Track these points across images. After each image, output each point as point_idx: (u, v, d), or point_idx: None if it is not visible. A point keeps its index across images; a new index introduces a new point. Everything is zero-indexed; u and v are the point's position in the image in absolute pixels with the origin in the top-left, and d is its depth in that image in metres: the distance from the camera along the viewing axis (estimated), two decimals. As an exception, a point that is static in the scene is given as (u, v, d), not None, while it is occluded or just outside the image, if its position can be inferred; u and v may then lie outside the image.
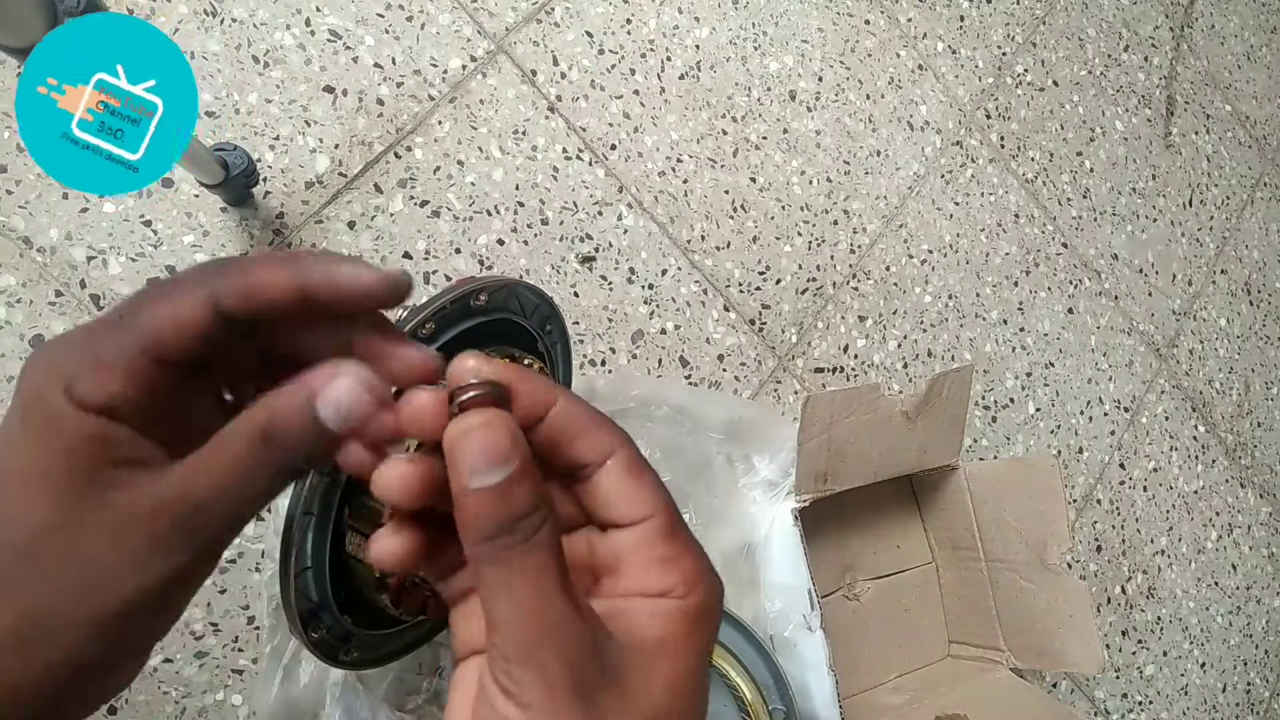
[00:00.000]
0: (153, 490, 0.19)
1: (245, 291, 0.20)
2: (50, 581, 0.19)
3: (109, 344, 0.19)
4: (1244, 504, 1.04)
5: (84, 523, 0.19)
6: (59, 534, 0.19)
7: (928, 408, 0.68)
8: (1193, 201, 1.07)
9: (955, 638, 0.77)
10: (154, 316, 0.20)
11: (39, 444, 0.19)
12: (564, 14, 0.74)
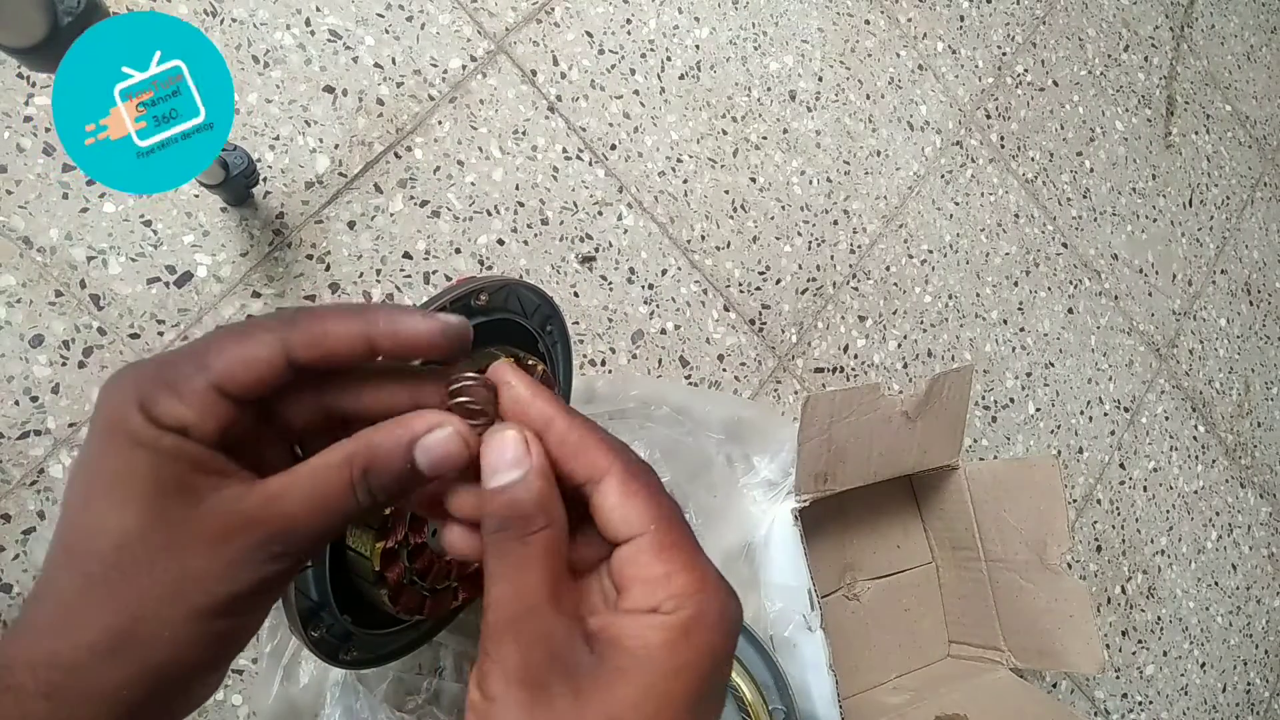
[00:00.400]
0: (248, 502, 0.20)
1: (314, 341, 0.21)
2: (146, 584, 0.20)
3: (181, 372, 0.20)
4: (1244, 504, 1.04)
5: (175, 529, 0.20)
6: (150, 538, 0.20)
7: (928, 408, 0.68)
8: (1193, 201, 1.07)
9: (955, 638, 0.77)
10: (225, 353, 0.21)
11: (122, 458, 0.20)
12: (564, 14, 0.74)
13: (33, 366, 0.57)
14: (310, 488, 0.21)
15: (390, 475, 0.21)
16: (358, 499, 0.21)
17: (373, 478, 0.21)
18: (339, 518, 0.21)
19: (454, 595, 0.50)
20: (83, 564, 0.20)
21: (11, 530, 0.55)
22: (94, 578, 0.20)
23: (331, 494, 0.21)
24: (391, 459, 0.21)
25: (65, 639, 0.19)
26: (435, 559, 0.47)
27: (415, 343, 0.22)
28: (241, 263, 0.62)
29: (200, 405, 0.20)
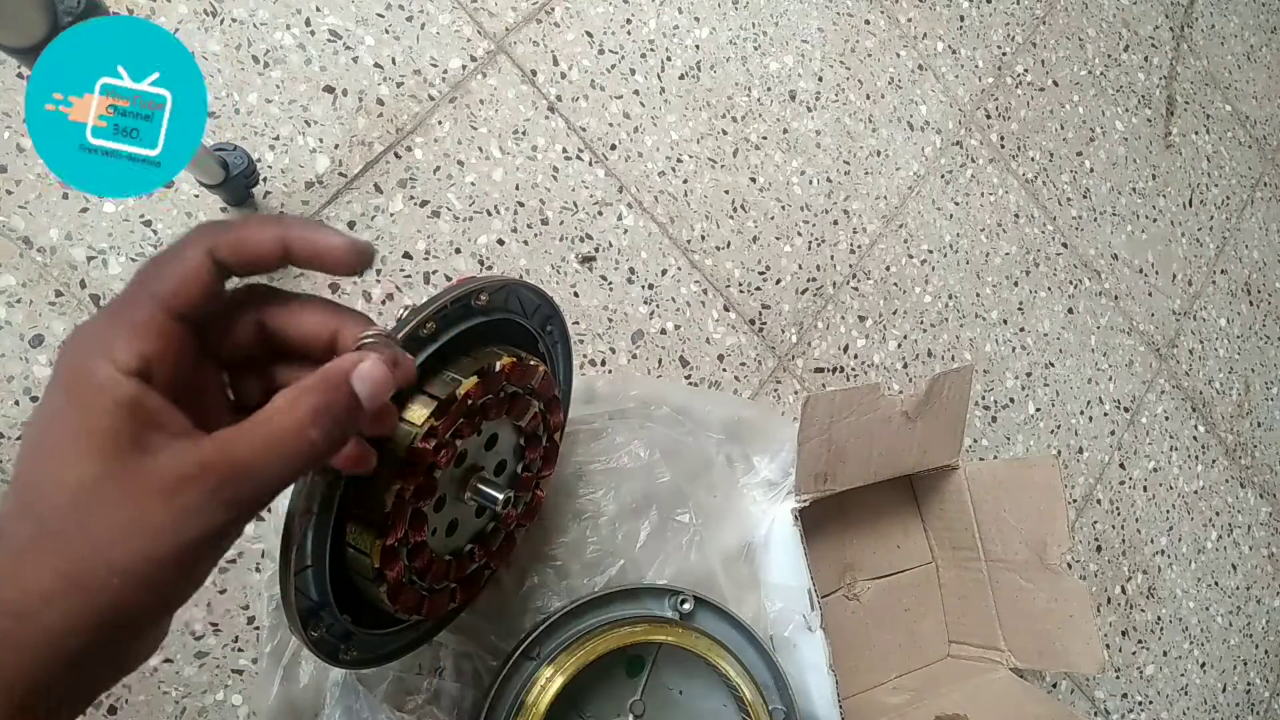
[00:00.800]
0: (202, 451, 0.22)
1: (237, 242, 0.23)
2: (99, 531, 0.20)
3: (133, 310, 0.22)
4: (1244, 504, 1.04)
5: (131, 478, 0.21)
6: (106, 488, 0.21)
7: (928, 408, 0.68)
8: (1193, 201, 1.07)
9: (955, 638, 0.77)
10: (164, 275, 0.23)
11: (82, 410, 0.21)
12: (564, 14, 0.74)
13: (33, 366, 0.57)
14: (265, 433, 0.22)
15: (342, 414, 0.23)
16: (312, 441, 0.22)
17: (326, 418, 0.23)
18: (295, 462, 0.22)
19: (452, 596, 0.50)
20: (37, 514, 0.21)
21: (11, 530, 0.55)
22: (47, 527, 0.20)
23: (282, 439, 0.22)
24: (341, 397, 0.23)
25: (15, 585, 0.20)
26: (434, 559, 0.47)
27: (327, 252, 0.24)
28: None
29: (156, 333, 0.22)
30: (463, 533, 0.50)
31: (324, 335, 0.26)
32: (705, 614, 0.59)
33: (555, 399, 0.50)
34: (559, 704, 0.52)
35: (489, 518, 0.51)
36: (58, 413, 0.21)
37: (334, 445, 0.23)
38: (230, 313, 0.25)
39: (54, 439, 0.21)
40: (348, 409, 0.23)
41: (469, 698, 0.58)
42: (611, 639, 0.54)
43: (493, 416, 0.45)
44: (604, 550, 0.63)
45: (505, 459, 0.50)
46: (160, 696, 0.56)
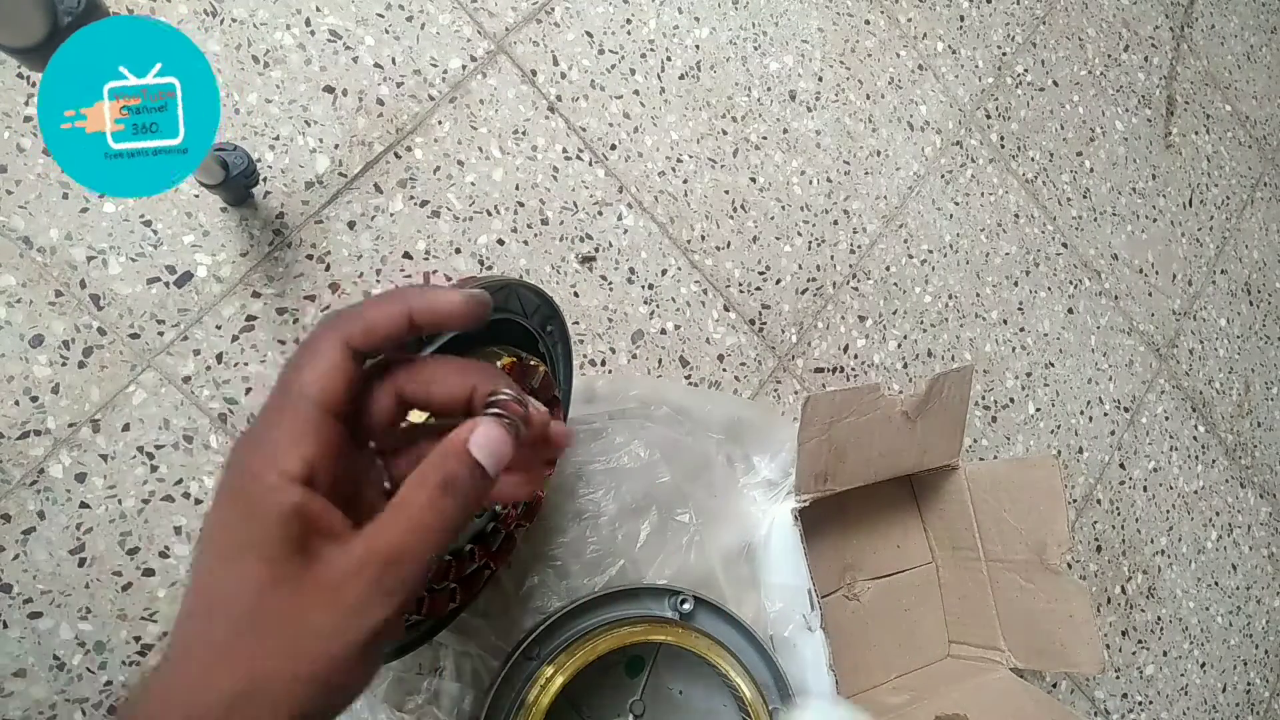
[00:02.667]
0: (354, 552, 0.22)
1: (367, 329, 0.24)
2: (272, 643, 0.21)
3: (291, 416, 0.23)
4: (1244, 504, 1.04)
5: (298, 587, 0.22)
6: (279, 597, 0.22)
7: (928, 408, 0.68)
8: (1193, 201, 1.07)
9: (955, 638, 0.77)
10: (308, 377, 0.24)
11: (252, 519, 0.22)
12: (564, 14, 0.74)
13: (33, 366, 0.57)
14: (405, 516, 0.23)
15: (465, 480, 0.24)
16: (446, 511, 0.23)
17: (451, 488, 0.23)
18: (437, 537, 0.23)
19: (452, 596, 0.50)
20: (215, 626, 0.22)
21: (11, 530, 0.55)
22: (228, 637, 0.21)
23: (423, 517, 0.23)
24: (460, 464, 0.24)
25: (202, 694, 0.21)
26: (435, 559, 0.47)
27: (448, 314, 0.25)
28: (241, 263, 0.62)
29: (315, 436, 0.23)
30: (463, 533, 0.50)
31: (460, 396, 0.26)
32: (705, 614, 0.59)
33: (555, 399, 0.50)
34: (559, 704, 0.52)
35: (489, 518, 0.51)
36: (230, 522, 0.22)
37: (469, 508, 0.24)
38: (368, 393, 0.26)
39: (227, 548, 0.22)
40: (471, 476, 0.24)
41: (469, 698, 0.58)
42: (611, 639, 0.54)
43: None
44: (604, 550, 0.63)
45: (505, 459, 0.50)
46: (160, 696, 0.56)
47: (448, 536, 0.23)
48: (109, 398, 0.58)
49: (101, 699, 0.55)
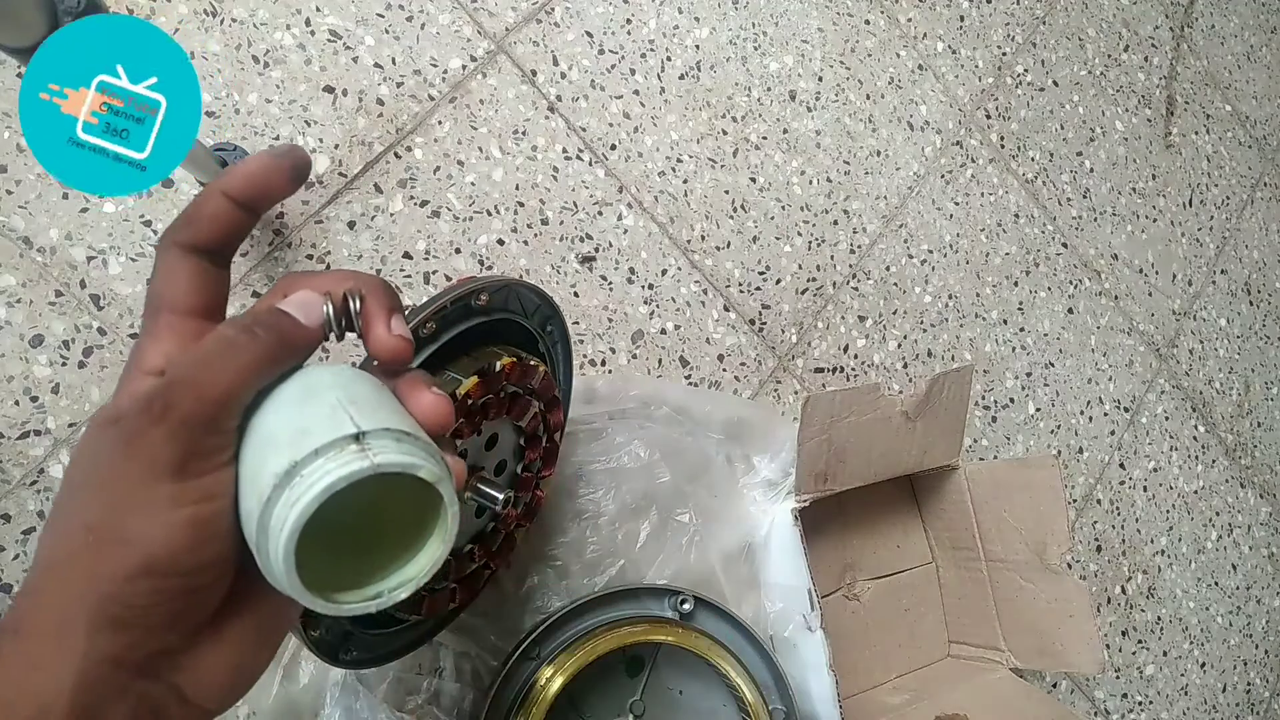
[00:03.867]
0: (155, 387, 0.22)
1: (188, 222, 0.25)
2: (98, 499, 0.21)
3: (146, 323, 0.25)
4: (1244, 504, 1.04)
5: (124, 456, 0.22)
6: (107, 470, 0.22)
7: (928, 408, 0.68)
8: (1193, 201, 1.07)
9: (955, 638, 0.77)
10: (154, 284, 0.25)
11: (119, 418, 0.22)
12: (564, 14, 0.74)
13: (33, 366, 0.57)
14: (199, 349, 0.23)
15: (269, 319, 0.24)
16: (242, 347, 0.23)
17: (262, 322, 0.24)
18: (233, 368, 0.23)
19: (452, 596, 0.50)
20: (63, 493, 0.22)
21: (11, 530, 0.55)
22: (67, 500, 0.22)
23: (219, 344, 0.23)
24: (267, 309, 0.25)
25: (41, 554, 0.22)
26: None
27: (260, 174, 0.25)
28: (241, 263, 0.62)
29: (169, 331, 0.25)
30: (463, 533, 0.50)
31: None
32: (705, 614, 0.59)
33: (555, 399, 0.50)
34: (559, 704, 0.52)
35: (489, 518, 0.51)
36: (97, 422, 0.23)
37: (275, 351, 0.24)
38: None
39: (90, 439, 0.23)
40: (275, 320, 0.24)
41: (469, 698, 0.58)
42: (611, 639, 0.54)
43: (493, 416, 0.45)
44: (604, 550, 0.63)
45: (505, 459, 0.50)
46: (160, 696, 0.56)
47: (244, 374, 0.23)
48: (109, 398, 0.58)
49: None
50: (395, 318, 0.26)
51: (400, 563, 0.25)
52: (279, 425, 0.23)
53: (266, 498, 0.21)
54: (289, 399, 0.23)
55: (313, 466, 0.21)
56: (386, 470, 0.22)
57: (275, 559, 0.21)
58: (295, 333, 0.24)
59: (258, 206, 0.25)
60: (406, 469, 0.22)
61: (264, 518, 0.21)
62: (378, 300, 0.26)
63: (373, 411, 0.23)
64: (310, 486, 0.21)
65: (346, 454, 0.21)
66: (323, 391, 0.23)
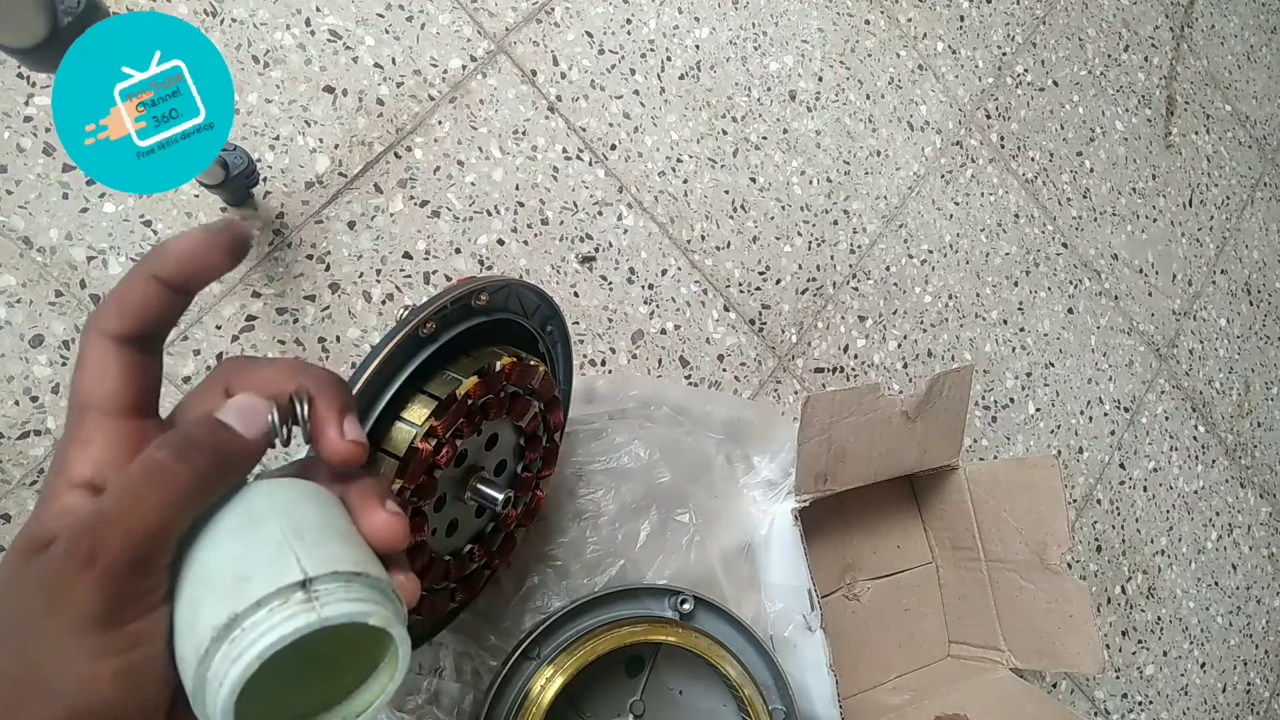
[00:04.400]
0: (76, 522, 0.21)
1: (116, 312, 0.23)
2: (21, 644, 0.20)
3: (76, 427, 0.23)
4: (1244, 504, 1.04)
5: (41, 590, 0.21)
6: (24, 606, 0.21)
7: (928, 408, 0.68)
8: (1193, 201, 1.07)
9: (955, 638, 0.77)
10: (79, 380, 0.23)
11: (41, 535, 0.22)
12: (564, 14, 0.74)
13: (33, 366, 0.57)
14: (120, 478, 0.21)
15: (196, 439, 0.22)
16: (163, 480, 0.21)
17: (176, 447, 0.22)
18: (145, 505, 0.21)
19: (452, 596, 0.50)
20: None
21: (11, 530, 0.55)
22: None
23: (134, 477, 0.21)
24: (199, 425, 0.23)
25: None
26: (434, 559, 0.47)
27: (189, 255, 0.23)
28: (241, 263, 0.61)
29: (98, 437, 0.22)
30: (463, 533, 0.50)
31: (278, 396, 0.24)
32: (705, 614, 0.59)
33: (555, 399, 0.50)
34: (559, 704, 0.52)
35: (489, 518, 0.51)
36: (23, 539, 0.22)
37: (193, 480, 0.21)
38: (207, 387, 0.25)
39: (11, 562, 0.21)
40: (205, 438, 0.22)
41: (469, 698, 0.58)
42: (611, 639, 0.54)
43: (493, 416, 0.45)
44: (604, 550, 0.63)
45: (505, 459, 0.50)
46: (160, 696, 0.56)
47: (176, 505, 0.21)
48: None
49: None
50: (348, 420, 0.24)
51: (348, 695, 0.23)
52: (217, 564, 0.21)
53: (204, 650, 0.19)
54: (228, 529, 0.21)
55: (254, 619, 0.19)
56: (334, 623, 0.20)
57: (213, 712, 0.19)
58: (235, 449, 0.22)
59: (190, 288, 0.23)
60: (355, 618, 0.20)
61: (201, 670, 0.19)
62: (328, 401, 0.24)
63: (320, 546, 0.21)
64: (253, 643, 0.19)
65: (291, 605, 0.20)
66: (266, 520, 0.21)
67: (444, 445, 0.41)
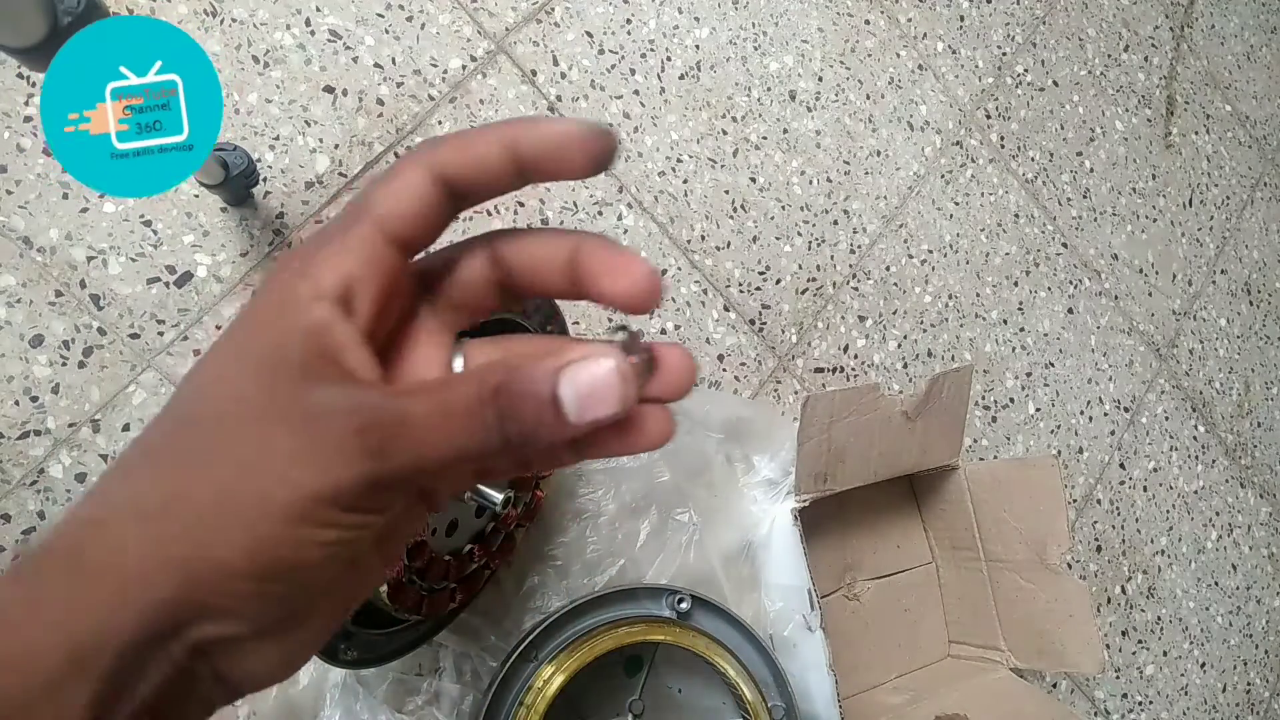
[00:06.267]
0: (357, 393, 0.18)
1: (457, 148, 0.20)
2: (232, 457, 0.18)
3: (343, 229, 0.19)
4: (1244, 504, 1.04)
5: (280, 407, 0.18)
6: (252, 412, 0.18)
7: (928, 408, 0.68)
8: (1193, 201, 1.07)
9: (955, 638, 0.77)
10: (379, 193, 0.19)
11: (260, 328, 0.19)
12: (564, 14, 0.74)
13: (33, 366, 0.57)
14: (432, 395, 0.18)
15: (525, 403, 0.18)
16: (482, 421, 0.18)
17: (504, 401, 0.18)
18: (456, 439, 0.18)
19: (452, 596, 0.50)
20: (170, 426, 0.19)
21: (11, 530, 0.55)
22: (171, 443, 0.18)
23: (453, 409, 0.18)
24: (531, 383, 0.18)
25: (126, 497, 0.18)
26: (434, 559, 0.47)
27: (561, 139, 0.20)
28: (241, 263, 0.62)
29: (364, 252, 0.19)
30: (463, 533, 0.50)
31: (557, 264, 0.21)
32: (703, 613, 0.59)
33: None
34: (558, 704, 0.52)
35: (489, 518, 0.51)
36: (238, 330, 0.19)
37: (507, 445, 0.19)
38: (460, 257, 0.21)
39: (222, 353, 0.19)
40: (537, 411, 0.18)
41: (469, 698, 0.58)
42: (610, 639, 0.54)
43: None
44: (604, 550, 0.63)
45: (505, 459, 0.50)
46: (160, 696, 0.56)
47: (467, 452, 0.19)
48: (109, 398, 0.58)
49: (101, 699, 0.55)
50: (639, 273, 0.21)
51: None
52: None
53: None
54: None
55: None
56: None
57: None
58: (548, 434, 0.19)
59: (530, 174, 0.20)
60: None
61: None
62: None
63: None
64: None
65: None
66: None
67: (444, 445, 0.41)
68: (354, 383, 0.18)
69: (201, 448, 0.18)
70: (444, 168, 0.20)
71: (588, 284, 0.21)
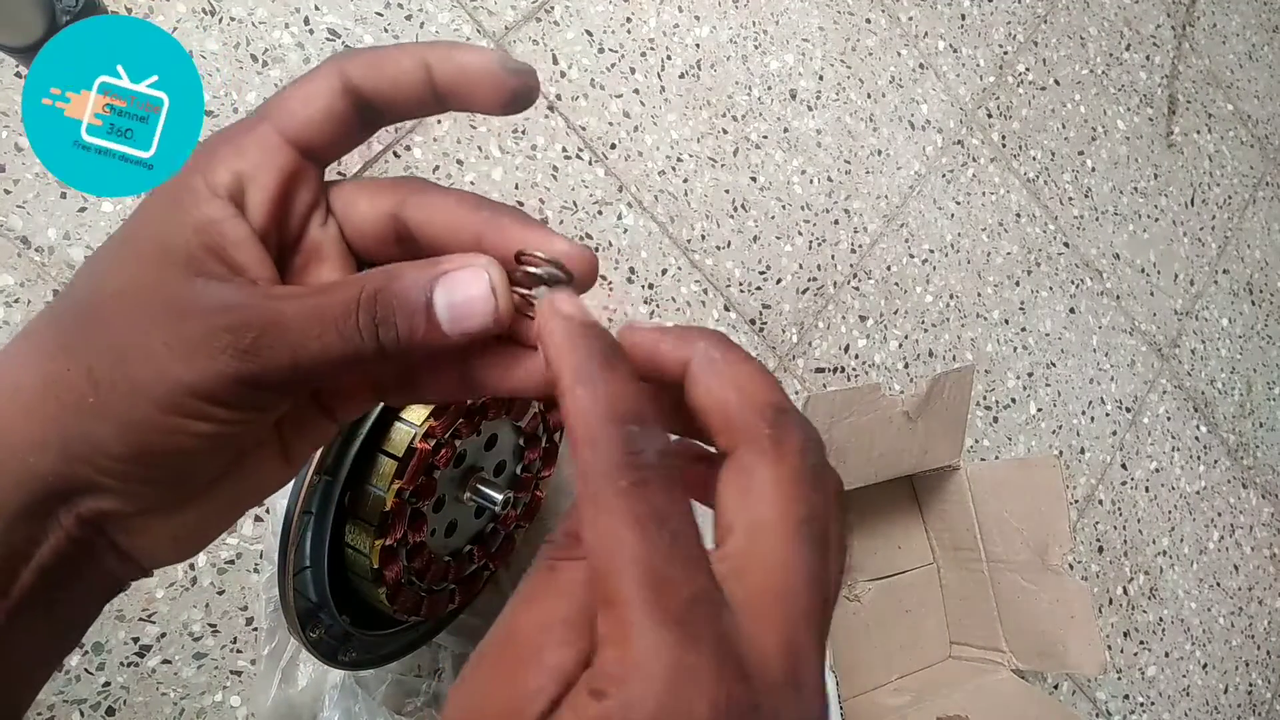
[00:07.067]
0: (234, 291, 0.18)
1: (371, 64, 0.19)
2: (111, 345, 0.18)
3: (244, 126, 0.19)
4: (1246, 504, 1.03)
5: (161, 298, 0.18)
6: (135, 302, 0.18)
7: (929, 408, 0.67)
8: (1195, 201, 1.07)
9: (956, 639, 0.76)
10: (285, 95, 0.19)
11: (157, 218, 0.19)
12: (564, 12, 0.74)
13: (31, 366, 0.56)
14: (307, 295, 0.18)
15: (399, 308, 0.18)
16: (357, 325, 0.18)
17: (380, 305, 0.18)
18: (330, 342, 0.18)
19: (451, 597, 0.50)
20: (62, 307, 0.19)
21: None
22: (57, 325, 0.19)
23: (328, 310, 0.18)
24: (406, 289, 0.18)
25: (7, 378, 0.18)
26: (433, 559, 0.46)
27: (475, 71, 0.19)
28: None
29: (260, 151, 0.19)
30: (462, 533, 0.50)
31: (462, 237, 0.20)
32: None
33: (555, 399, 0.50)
34: (558, 705, 0.52)
35: (488, 518, 0.51)
36: (132, 220, 0.19)
37: (382, 351, 0.19)
38: (361, 200, 0.21)
39: (116, 244, 0.19)
40: (410, 317, 0.18)
41: (468, 699, 0.57)
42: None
43: (492, 416, 0.45)
44: (604, 551, 0.62)
45: (505, 459, 0.50)
46: (159, 698, 0.56)
47: (339, 356, 0.19)
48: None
49: (100, 700, 0.55)
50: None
51: None
52: None
53: None
54: None
55: None
56: None
57: None
58: (423, 340, 0.19)
59: (446, 101, 0.20)
60: None
61: None
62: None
63: None
64: None
65: None
66: None
67: (443, 445, 0.40)
68: (236, 281, 0.19)
69: (83, 333, 0.18)
70: (356, 79, 0.19)
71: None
